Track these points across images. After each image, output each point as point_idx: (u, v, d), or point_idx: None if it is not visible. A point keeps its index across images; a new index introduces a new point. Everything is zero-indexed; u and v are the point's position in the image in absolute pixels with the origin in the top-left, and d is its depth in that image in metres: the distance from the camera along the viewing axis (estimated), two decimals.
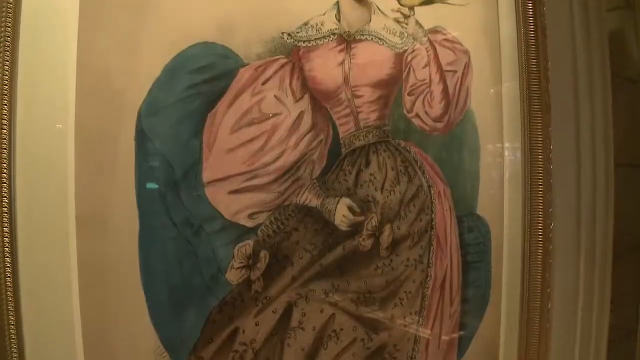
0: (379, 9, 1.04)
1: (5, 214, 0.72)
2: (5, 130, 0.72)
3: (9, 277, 0.72)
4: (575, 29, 1.39)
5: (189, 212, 0.85)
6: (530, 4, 1.23)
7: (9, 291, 0.72)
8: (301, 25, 0.94)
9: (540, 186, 1.21)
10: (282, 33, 0.92)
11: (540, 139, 1.20)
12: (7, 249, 0.72)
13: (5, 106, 0.71)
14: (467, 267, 1.14)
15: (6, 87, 0.71)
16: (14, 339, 0.72)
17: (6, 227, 0.72)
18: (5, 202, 0.72)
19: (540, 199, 1.21)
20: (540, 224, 1.21)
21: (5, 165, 0.72)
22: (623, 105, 1.65)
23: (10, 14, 0.71)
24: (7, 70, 0.71)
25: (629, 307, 1.72)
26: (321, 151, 0.96)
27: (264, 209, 0.90)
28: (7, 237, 0.72)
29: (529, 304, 1.22)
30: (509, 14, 1.23)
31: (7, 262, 0.72)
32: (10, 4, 0.71)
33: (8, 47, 0.71)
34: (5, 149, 0.72)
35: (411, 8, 1.07)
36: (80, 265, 0.78)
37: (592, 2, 1.46)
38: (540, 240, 1.21)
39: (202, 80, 0.85)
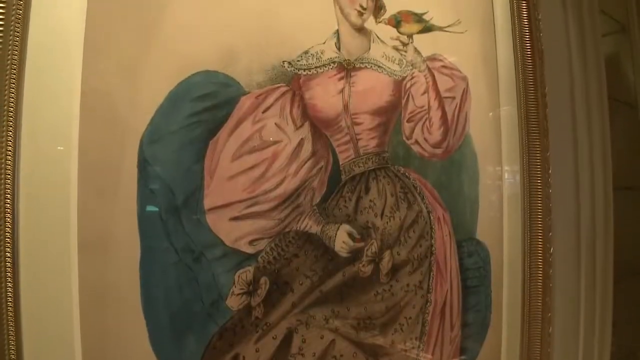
0: (378, 37, 1.06)
1: (8, 239, 0.72)
2: (9, 156, 0.72)
3: (10, 301, 0.71)
4: (572, 54, 1.41)
5: (190, 238, 0.85)
6: (527, 30, 1.25)
7: (10, 315, 0.71)
8: (302, 54, 0.96)
9: (540, 210, 1.21)
10: (283, 61, 0.93)
11: (539, 163, 1.21)
12: (9, 272, 0.72)
13: (10, 131, 0.71)
14: (467, 292, 1.14)
15: (12, 112, 0.71)
16: None
17: (8, 251, 0.72)
18: (8, 227, 0.72)
19: (539, 223, 1.21)
20: (540, 248, 1.21)
21: (9, 190, 0.72)
22: (620, 128, 1.66)
23: (18, 39, 0.71)
24: (12, 96, 0.71)
25: (631, 330, 1.71)
26: (321, 178, 0.97)
27: (264, 236, 0.90)
28: (9, 260, 0.72)
29: (529, 328, 1.22)
30: (506, 40, 1.25)
31: (9, 286, 0.72)
32: (18, 29, 0.71)
33: (14, 72, 0.72)
34: (10, 174, 0.72)
35: (410, 36, 1.09)
36: (82, 291, 0.77)
37: (588, 27, 1.48)
38: (540, 264, 1.22)
39: (204, 108, 0.86)
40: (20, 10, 0.71)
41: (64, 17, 0.75)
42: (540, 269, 1.21)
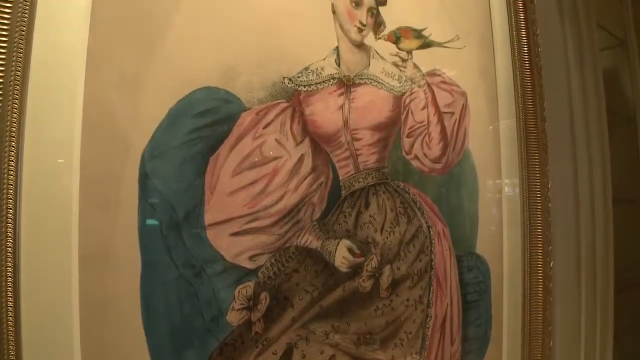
0: (378, 54, 1.07)
1: (10, 252, 0.72)
2: (12, 169, 0.72)
3: (10, 314, 0.71)
4: (570, 68, 1.42)
5: (190, 253, 0.85)
6: (525, 45, 1.27)
7: (10, 327, 0.71)
8: (302, 70, 0.97)
9: (540, 224, 1.22)
10: (283, 78, 0.94)
11: (538, 177, 1.21)
12: (10, 285, 0.72)
13: (13, 145, 0.72)
14: (468, 306, 1.14)
15: (14, 127, 0.72)
16: None
17: (10, 264, 0.72)
18: (10, 240, 0.72)
19: (539, 237, 1.22)
20: (540, 262, 1.22)
21: (11, 203, 0.72)
22: (620, 142, 1.67)
23: (21, 55, 0.71)
24: (15, 110, 0.72)
25: (631, 341, 1.71)
26: (321, 194, 0.97)
27: (264, 251, 0.90)
28: (10, 274, 0.72)
29: (530, 342, 1.21)
30: (504, 55, 1.26)
31: (10, 298, 0.72)
32: (22, 46, 0.72)
33: (18, 87, 0.72)
34: (12, 187, 0.72)
35: (409, 52, 1.10)
36: (82, 304, 0.77)
37: (586, 42, 1.49)
38: (541, 278, 1.22)
39: (205, 124, 0.86)
40: (23, 27, 0.71)
41: (66, 33, 0.76)
42: (541, 283, 1.21)
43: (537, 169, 1.21)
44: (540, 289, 1.22)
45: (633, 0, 1.95)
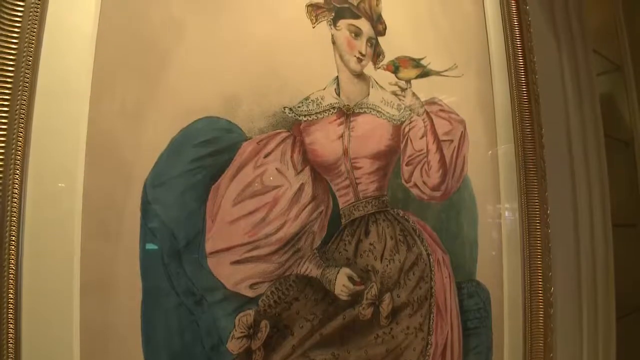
0: (377, 83, 1.09)
1: (11, 279, 0.72)
2: (15, 196, 0.73)
3: (11, 342, 0.71)
4: (567, 94, 1.43)
5: (191, 281, 0.85)
6: (522, 73, 1.28)
7: (11, 355, 0.71)
8: (302, 100, 0.98)
9: (539, 250, 1.22)
10: (284, 108, 0.96)
11: (537, 204, 1.22)
12: (11, 313, 0.72)
13: (17, 172, 0.72)
14: (468, 333, 1.13)
15: (19, 154, 0.72)
16: None
17: (11, 290, 0.72)
18: (12, 267, 0.72)
19: (539, 263, 1.22)
20: (540, 288, 1.21)
21: (14, 230, 0.72)
22: (618, 166, 1.68)
23: (27, 83, 0.73)
24: (20, 138, 0.72)
25: None
26: (321, 222, 0.97)
27: (265, 279, 0.90)
28: (11, 301, 0.72)
29: None
30: (502, 83, 1.28)
31: (10, 326, 0.72)
32: (28, 75, 0.73)
33: (23, 115, 0.73)
34: (15, 214, 0.73)
35: (408, 81, 1.11)
36: (83, 331, 0.77)
37: (582, 67, 1.51)
38: (541, 304, 1.21)
39: (206, 153, 0.87)
40: (30, 56, 0.73)
41: (71, 62, 0.77)
42: (542, 309, 1.21)
43: (536, 195, 1.22)
44: (541, 315, 1.21)
45: (628, 25, 1.98)
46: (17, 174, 0.72)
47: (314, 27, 1.02)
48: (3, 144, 0.69)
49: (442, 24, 1.22)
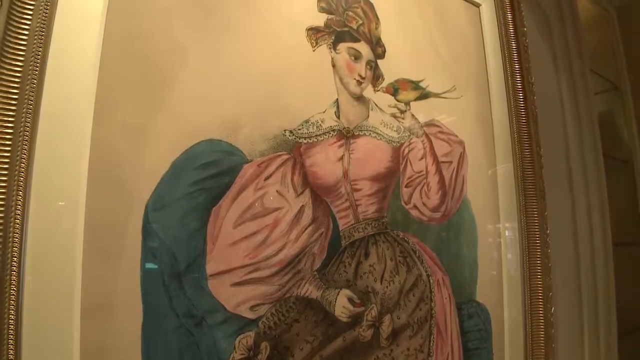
0: (377, 105, 1.10)
1: (13, 300, 0.72)
2: (18, 218, 0.73)
3: None
4: (565, 114, 1.44)
5: (191, 303, 0.85)
6: (521, 94, 1.29)
7: None
8: (302, 123, 0.99)
9: (539, 270, 1.22)
10: (285, 130, 0.96)
11: (536, 223, 1.22)
12: (11, 334, 0.72)
13: (20, 195, 0.73)
14: (469, 354, 1.13)
15: (22, 175, 0.73)
16: None
17: (12, 312, 0.72)
18: (14, 288, 0.72)
19: (539, 283, 1.22)
20: (540, 308, 1.21)
21: (16, 251, 0.73)
22: (617, 184, 1.68)
23: (32, 105, 0.73)
24: (24, 159, 0.73)
25: None
26: (321, 244, 0.98)
27: (265, 301, 0.90)
28: (12, 322, 0.72)
29: None
30: (501, 104, 1.29)
31: (11, 348, 0.71)
32: (32, 95, 0.74)
33: (27, 137, 0.73)
34: (17, 236, 0.73)
35: (407, 103, 1.13)
36: (83, 354, 0.77)
37: (580, 87, 1.52)
38: (542, 325, 1.21)
39: (207, 176, 0.88)
40: (34, 79, 0.73)
41: (75, 85, 0.78)
42: (542, 330, 1.21)
43: (536, 215, 1.22)
44: (541, 335, 1.21)
45: (625, 45, 2.00)
46: (20, 195, 0.72)
47: (314, 51, 1.04)
48: (6, 165, 0.70)
49: (440, 46, 1.24)
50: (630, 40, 1.95)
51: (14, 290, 0.71)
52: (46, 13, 0.75)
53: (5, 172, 0.70)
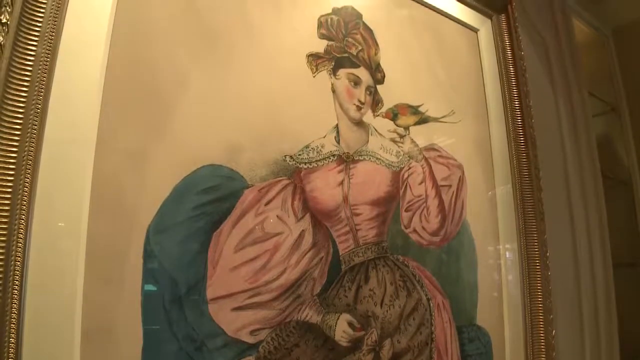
0: (376, 130, 1.11)
1: (13, 324, 0.72)
2: (20, 242, 0.73)
3: None
4: (564, 136, 1.45)
5: (192, 327, 0.85)
6: (519, 117, 1.31)
7: None
8: (303, 148, 1.00)
9: (540, 293, 1.22)
10: (285, 156, 0.98)
11: (536, 246, 1.22)
12: (11, 358, 0.72)
13: (22, 219, 0.73)
14: None
15: (25, 200, 0.73)
16: None
17: (13, 337, 0.72)
18: (15, 312, 0.72)
19: (540, 306, 1.21)
20: (542, 331, 1.21)
21: (17, 277, 0.73)
22: (617, 205, 1.69)
23: (36, 130, 0.74)
24: (27, 184, 0.73)
25: None
26: (322, 268, 0.98)
27: (265, 326, 0.90)
28: (12, 347, 0.72)
29: None
30: (499, 127, 1.30)
31: None
32: (37, 120, 0.75)
33: (30, 161, 0.74)
34: (20, 261, 0.73)
35: (406, 128, 1.14)
36: None
37: (578, 110, 1.54)
38: (543, 348, 1.21)
39: (208, 200, 0.88)
40: (39, 104, 0.74)
41: (78, 111, 0.79)
42: (544, 353, 1.20)
43: (535, 238, 1.23)
44: (543, 358, 1.20)
45: (622, 67, 2.02)
46: (23, 218, 0.73)
47: (314, 77, 1.05)
48: (10, 189, 0.70)
49: (439, 71, 1.26)
50: (627, 62, 1.97)
51: (14, 313, 0.71)
52: (51, 39, 0.76)
53: (9, 197, 0.70)
